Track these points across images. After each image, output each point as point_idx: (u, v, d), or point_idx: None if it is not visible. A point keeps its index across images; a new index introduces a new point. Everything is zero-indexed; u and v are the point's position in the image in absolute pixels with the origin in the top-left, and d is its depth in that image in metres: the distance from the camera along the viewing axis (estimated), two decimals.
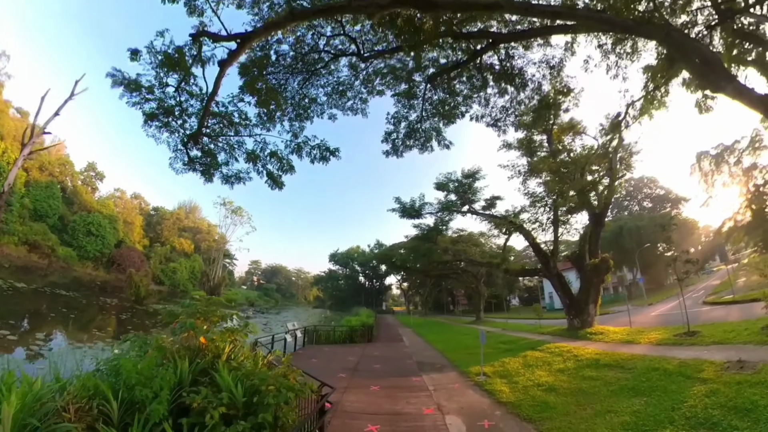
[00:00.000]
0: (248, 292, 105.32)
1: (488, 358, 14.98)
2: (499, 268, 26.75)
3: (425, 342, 23.11)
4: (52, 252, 45.66)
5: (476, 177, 27.18)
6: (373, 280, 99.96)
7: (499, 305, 68.03)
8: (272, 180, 12.32)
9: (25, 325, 19.81)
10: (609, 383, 8.81)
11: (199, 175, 12.91)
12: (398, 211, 29.87)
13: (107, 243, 55.64)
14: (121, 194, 74.55)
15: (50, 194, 49.94)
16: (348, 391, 10.05)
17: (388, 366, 14.55)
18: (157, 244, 71.37)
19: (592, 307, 19.32)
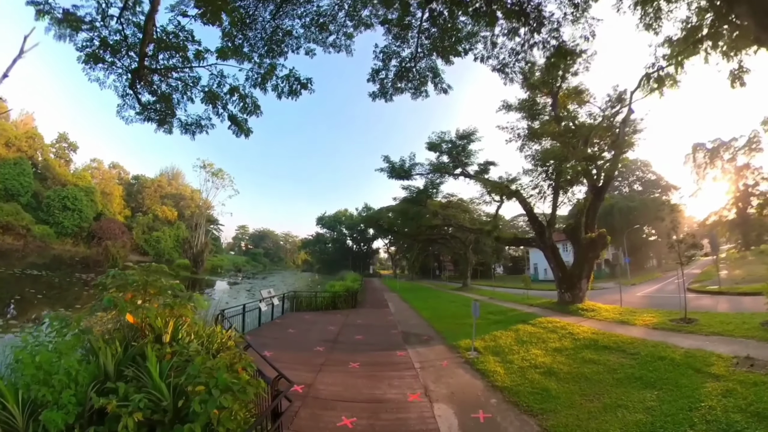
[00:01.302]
0: (236, 257, 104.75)
1: (478, 330, 14.02)
2: (490, 235, 25.60)
3: (411, 309, 22.29)
4: (27, 232, 43.63)
5: (471, 139, 25.53)
6: (360, 243, 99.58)
7: (485, 273, 68.41)
8: (236, 125, 10.78)
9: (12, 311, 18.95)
10: (613, 369, 7.98)
11: (156, 126, 11.33)
12: (387, 170, 28.05)
13: (85, 216, 53.52)
14: (98, 164, 71.57)
15: (20, 171, 47.17)
16: (324, 370, 8.92)
17: (372, 337, 13.56)
18: (139, 214, 69.57)
19: (584, 282, 18.68)
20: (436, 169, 27.38)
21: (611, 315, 14.65)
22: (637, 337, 10.44)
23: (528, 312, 17.65)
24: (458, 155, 25.82)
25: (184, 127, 11.42)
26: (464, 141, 25.64)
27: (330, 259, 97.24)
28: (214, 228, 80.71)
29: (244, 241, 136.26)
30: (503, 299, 24.72)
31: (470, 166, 26.36)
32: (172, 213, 71.58)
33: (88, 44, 9.40)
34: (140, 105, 10.73)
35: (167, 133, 11.58)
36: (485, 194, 27.90)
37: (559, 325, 13.28)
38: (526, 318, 15.70)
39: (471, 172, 25.98)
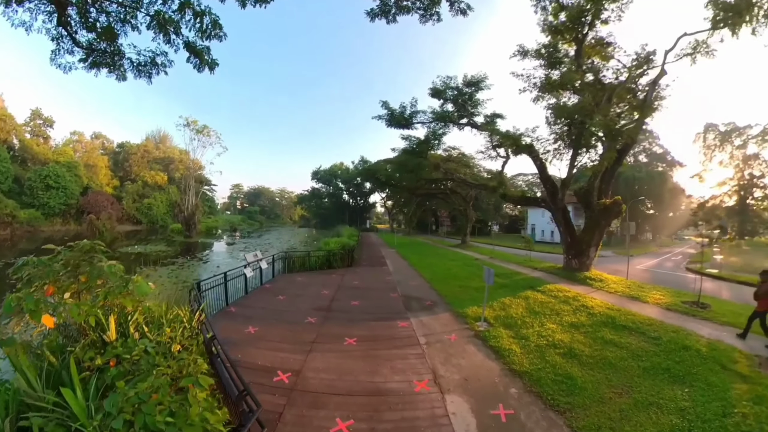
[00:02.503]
0: (231, 216, 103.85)
1: (481, 293, 13.12)
2: (496, 192, 23.93)
3: (410, 267, 21.29)
4: (12, 219, 41.62)
5: (480, 86, 22.99)
6: (357, 197, 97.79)
7: (482, 230, 67.72)
8: (195, 55, 8.98)
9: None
10: (637, 355, 7.40)
11: (106, 71, 9.67)
12: (385, 118, 25.59)
13: (71, 193, 51.44)
14: (78, 137, 68.36)
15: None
16: (315, 349, 7.83)
17: (370, 302, 12.36)
18: (128, 182, 66.77)
19: (593, 250, 17.79)
20: (439, 118, 24.86)
21: (620, 288, 13.99)
22: (654, 318, 9.83)
23: (534, 277, 16.85)
24: (464, 104, 23.40)
25: (137, 69, 9.69)
26: (472, 88, 23.16)
27: (326, 214, 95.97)
28: (208, 189, 78.07)
29: (240, 199, 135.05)
30: (505, 260, 23.84)
31: (477, 116, 24.01)
32: (162, 177, 69.13)
33: None
34: (78, 46, 8.99)
35: (120, 80, 9.80)
36: (490, 148, 25.93)
37: (570, 296, 12.56)
38: (533, 284, 14.87)
39: (478, 123, 23.87)
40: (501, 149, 24.71)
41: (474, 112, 23.60)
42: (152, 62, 9.58)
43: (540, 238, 55.03)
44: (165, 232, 55.83)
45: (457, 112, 23.87)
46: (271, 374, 6.56)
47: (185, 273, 23.56)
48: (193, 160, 59.48)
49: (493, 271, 9.35)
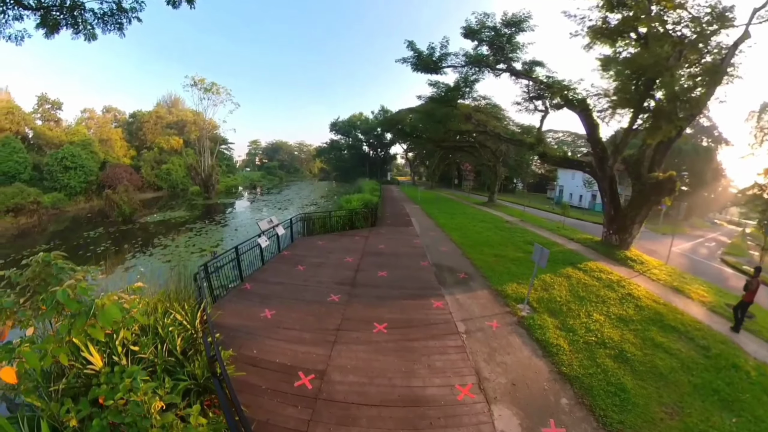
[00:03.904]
0: (251, 173, 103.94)
1: (522, 267, 11.99)
2: (533, 149, 21.58)
3: (438, 228, 20.03)
4: (37, 206, 41.55)
5: (522, 27, 19.92)
6: (377, 149, 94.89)
7: (506, 187, 64.67)
8: None
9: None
10: (688, 367, 6.67)
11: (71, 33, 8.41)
12: (411, 61, 22.80)
13: (89, 170, 51.28)
14: (90, 114, 67.16)
15: (11, 150, 45.06)
16: (341, 340, 6.97)
17: (398, 272, 11.29)
18: (144, 150, 66.37)
19: (636, 228, 16.00)
20: (473, 62, 21.82)
21: (663, 276, 12.58)
22: (701, 322, 8.89)
23: (572, 250, 15.49)
24: (502, 47, 20.46)
25: (103, 21, 8.33)
26: (512, 29, 20.08)
27: (346, 166, 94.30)
28: (225, 148, 77.60)
29: (258, 155, 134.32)
30: (537, 225, 22.29)
31: (515, 62, 21.00)
32: (177, 141, 68.56)
33: None
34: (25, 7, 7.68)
35: (90, 39, 8.42)
36: (527, 100, 23.10)
37: (614, 279, 11.35)
38: (573, 259, 13.60)
39: (519, 69, 21.03)
40: (539, 102, 22.07)
41: (512, 56, 20.68)
42: (119, 8, 8.21)
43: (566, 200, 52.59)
44: (186, 195, 56.82)
45: (494, 55, 21.02)
46: (292, 376, 5.74)
47: (202, 240, 23.30)
48: (206, 120, 58.58)
49: (547, 253, 7.99)
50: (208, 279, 8.96)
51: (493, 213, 28.00)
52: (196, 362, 4.98)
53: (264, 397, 5.27)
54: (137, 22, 8.79)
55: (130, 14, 8.50)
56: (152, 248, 21.85)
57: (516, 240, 16.59)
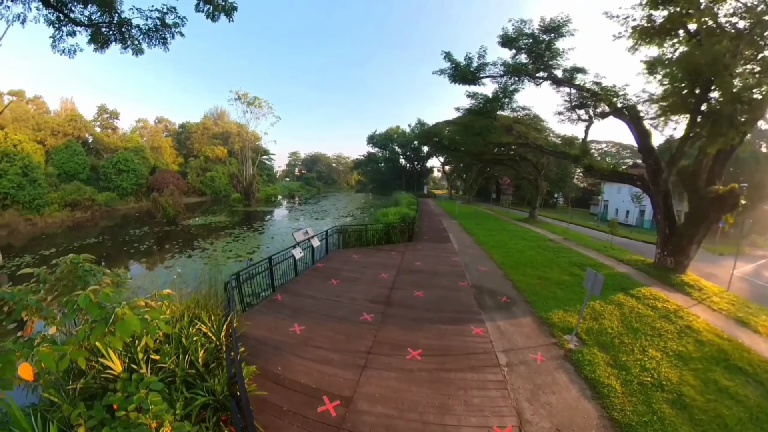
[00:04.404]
0: (290, 183, 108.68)
1: (568, 290, 11.06)
2: (579, 162, 20.28)
3: (477, 245, 19.17)
4: (92, 203, 47.40)
5: (561, 32, 19.08)
6: (414, 162, 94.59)
7: (547, 202, 61.92)
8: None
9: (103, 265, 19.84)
10: (757, 419, 5.57)
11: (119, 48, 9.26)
12: (448, 72, 22.13)
13: (140, 174, 56.97)
14: (143, 124, 75.01)
15: (72, 152, 51.07)
16: (371, 365, 6.50)
17: (435, 293, 10.69)
18: (191, 158, 72.62)
19: (693, 249, 14.25)
20: (511, 71, 21.02)
21: (725, 305, 11.06)
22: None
23: (622, 273, 14.14)
24: (541, 54, 19.65)
25: (148, 36, 9.10)
26: (550, 35, 19.28)
27: (383, 179, 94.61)
28: (266, 158, 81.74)
29: (298, 166, 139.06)
30: (582, 244, 20.81)
31: (556, 69, 20.01)
32: (221, 151, 74.05)
33: None
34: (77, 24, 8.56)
35: (137, 54, 9.27)
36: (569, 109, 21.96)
37: (671, 309, 10.11)
38: (624, 283, 12.36)
39: (560, 76, 20.02)
40: (582, 111, 20.88)
41: (553, 63, 19.74)
42: (162, 24, 8.87)
43: (612, 217, 48.43)
44: (227, 201, 60.56)
45: (533, 63, 20.14)
46: (316, 400, 5.37)
47: (239, 246, 23.76)
48: (249, 132, 62.22)
49: (602, 279, 7.15)
50: (239, 288, 8.87)
51: (534, 230, 26.62)
52: (217, 378, 4.76)
53: (284, 420, 4.93)
54: (180, 37, 9.33)
55: (173, 29, 9.09)
56: (192, 250, 22.68)
57: (561, 261, 15.51)
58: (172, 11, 8.93)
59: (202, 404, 4.37)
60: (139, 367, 4.55)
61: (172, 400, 4.22)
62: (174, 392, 4.37)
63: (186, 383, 4.70)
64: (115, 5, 8.75)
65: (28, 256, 23.68)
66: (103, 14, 8.87)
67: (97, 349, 4.22)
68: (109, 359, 4.36)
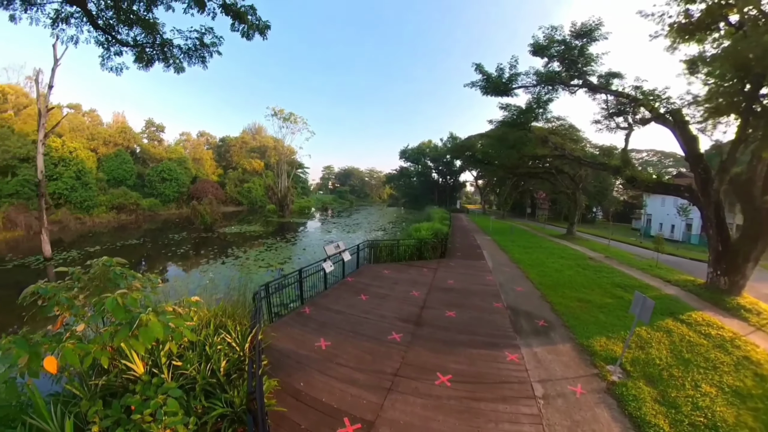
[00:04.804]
0: (323, 196, 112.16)
1: (611, 315, 10.28)
2: (620, 173, 19.20)
3: (513, 263, 18.44)
4: (136, 207, 52.53)
5: (593, 36, 18.26)
6: (446, 176, 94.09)
7: (585, 216, 58.81)
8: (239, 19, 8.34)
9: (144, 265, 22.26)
10: None
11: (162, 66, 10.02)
12: (479, 85, 21.48)
13: (182, 183, 62.40)
14: (186, 137, 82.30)
15: (121, 161, 56.75)
16: (397, 387, 6.19)
17: (468, 314, 10.19)
18: (230, 170, 77.63)
19: (750, 267, 12.80)
20: (544, 80, 20.24)
21: None
22: None
23: (671, 295, 13.02)
24: (574, 61, 18.81)
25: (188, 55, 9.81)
26: (583, 40, 18.46)
27: (415, 193, 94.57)
28: (301, 172, 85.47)
29: (331, 180, 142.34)
30: (625, 262, 19.58)
31: (590, 76, 19.02)
32: (258, 164, 78.68)
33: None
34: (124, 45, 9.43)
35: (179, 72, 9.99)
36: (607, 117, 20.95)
37: (726, 337, 9.10)
38: (673, 307, 11.32)
39: (595, 82, 19.04)
40: (621, 118, 19.72)
41: (587, 70, 18.84)
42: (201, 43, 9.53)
43: (656, 232, 44.04)
44: (262, 211, 63.71)
45: (566, 71, 19.34)
46: (336, 421, 5.16)
47: (271, 255, 24.12)
48: (285, 146, 65.69)
49: (651, 305, 6.52)
50: (267, 299, 8.86)
51: (573, 247, 25.38)
52: (237, 390, 4.68)
53: None
54: (218, 56, 9.96)
55: (211, 49, 9.70)
56: (225, 257, 23.36)
57: (602, 281, 14.56)
58: (210, 31, 9.52)
59: (219, 415, 4.31)
60: (160, 372, 4.58)
61: (190, 407, 4.20)
62: (192, 400, 4.36)
63: (205, 392, 4.67)
64: (157, 27, 9.45)
65: (75, 251, 25.66)
66: (146, 36, 9.60)
67: (122, 349, 4.28)
68: (132, 361, 4.43)
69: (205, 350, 5.27)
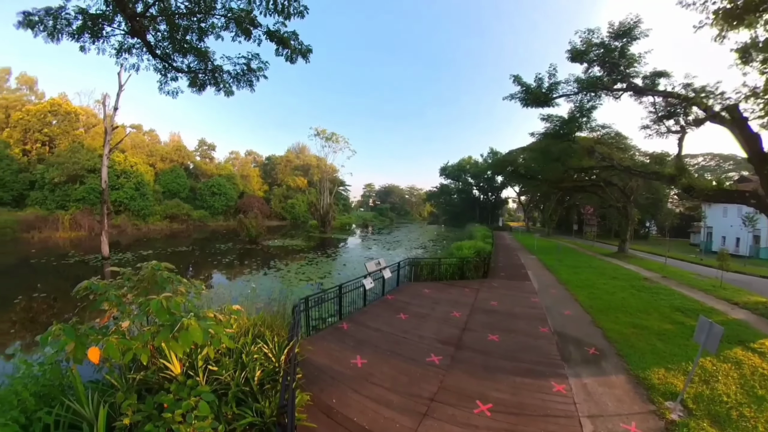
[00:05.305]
0: (364, 213, 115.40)
1: (670, 343, 9.35)
2: (675, 183, 17.61)
3: (559, 284, 17.43)
4: (188, 217, 58.86)
5: (633, 35, 17.32)
6: (487, 192, 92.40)
7: (637, 232, 54.96)
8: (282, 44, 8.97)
9: (191, 271, 23.81)
10: None
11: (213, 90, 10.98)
12: (519, 97, 21.03)
13: (230, 197, 68.54)
14: (235, 155, 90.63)
15: (176, 176, 63.53)
16: (433, 413, 5.91)
17: (512, 338, 9.64)
18: (275, 187, 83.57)
19: None
20: (586, 87, 19.38)
21: None
22: None
23: (739, 319, 11.66)
24: (616, 63, 17.89)
25: (236, 79, 10.68)
26: (622, 40, 17.52)
27: (456, 211, 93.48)
28: (342, 189, 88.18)
29: (372, 197, 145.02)
30: (685, 282, 17.89)
31: (635, 77, 18.01)
32: (302, 181, 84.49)
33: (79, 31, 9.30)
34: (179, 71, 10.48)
35: (228, 95, 10.91)
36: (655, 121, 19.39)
37: None
38: (743, 335, 10.10)
39: (640, 84, 17.78)
40: (671, 121, 18.40)
41: (630, 72, 17.84)
42: (248, 68, 10.38)
43: (719, 246, 39.23)
44: (305, 227, 66.36)
45: (608, 75, 18.46)
46: None
47: (312, 269, 24.50)
48: (327, 164, 68.41)
49: (719, 332, 5.83)
50: (307, 312, 8.94)
51: (625, 267, 23.65)
52: (268, 401, 4.69)
53: None
54: (264, 79, 10.84)
55: (257, 73, 10.55)
56: (268, 268, 24.12)
57: (660, 305, 13.36)
58: (256, 57, 10.27)
59: (248, 423, 4.33)
60: (195, 374, 4.74)
61: (220, 413, 4.28)
62: (224, 405, 4.44)
63: (237, 399, 4.74)
64: (208, 55, 10.39)
65: (130, 254, 28.41)
66: (199, 63, 10.58)
67: (161, 348, 4.46)
68: (169, 361, 4.63)
69: (242, 358, 5.38)
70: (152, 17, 9.47)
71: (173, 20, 9.54)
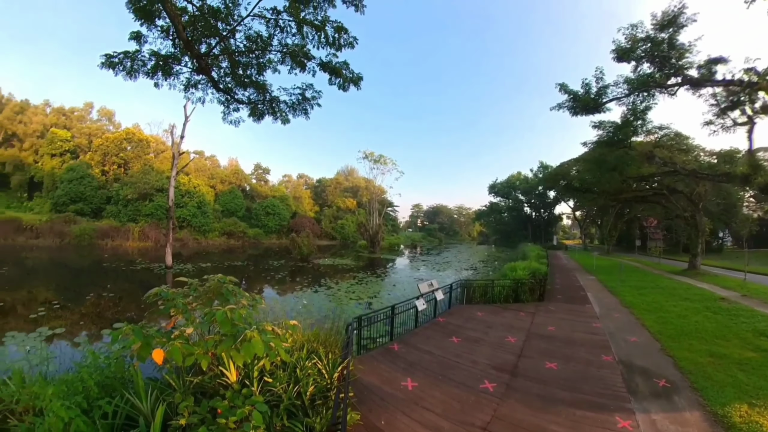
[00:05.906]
0: (412, 234, 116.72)
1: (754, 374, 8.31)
2: (749, 183, 15.84)
3: (623, 307, 16.09)
4: (243, 235, 65.67)
5: (678, 24, 16.33)
6: (539, 209, 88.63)
7: (709, 244, 49.48)
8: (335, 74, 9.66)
9: (245, 284, 25.57)
10: None
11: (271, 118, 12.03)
12: (566, 105, 20.29)
13: (283, 217, 75.09)
14: (288, 178, 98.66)
15: (233, 196, 71.57)
16: None
17: (571, 367, 8.99)
18: (326, 208, 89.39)
19: None
20: (636, 87, 18.20)
21: None
22: None
23: None
24: (666, 56, 16.84)
25: (292, 108, 11.52)
26: (670, 30, 16.50)
27: (507, 230, 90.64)
28: (390, 210, 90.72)
29: (420, 218, 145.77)
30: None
31: (689, 69, 16.84)
32: (351, 203, 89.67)
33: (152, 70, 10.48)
34: (240, 102, 11.46)
35: (285, 123, 11.89)
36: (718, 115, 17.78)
37: None
38: None
39: (695, 75, 16.63)
40: (736, 112, 16.93)
41: (682, 63, 16.72)
42: (303, 98, 11.17)
43: None
44: (354, 246, 68.89)
45: (659, 70, 17.38)
46: None
47: (362, 289, 24.72)
48: (375, 186, 71.13)
49: None
50: (359, 331, 9.11)
51: (698, 285, 21.39)
52: (318, 417, 4.81)
53: None
54: (318, 107, 11.71)
55: (312, 102, 11.38)
56: (318, 286, 24.75)
57: (741, 329, 11.90)
58: (310, 87, 11.14)
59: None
60: (251, 384, 4.96)
61: (271, 424, 4.43)
62: (275, 417, 4.59)
63: (288, 412, 4.88)
64: (266, 87, 11.38)
65: (190, 265, 31.73)
66: (258, 94, 11.61)
67: (221, 357, 4.80)
68: (227, 368, 4.90)
69: (296, 372, 5.56)
70: (215, 56, 10.69)
71: (234, 58, 10.71)
